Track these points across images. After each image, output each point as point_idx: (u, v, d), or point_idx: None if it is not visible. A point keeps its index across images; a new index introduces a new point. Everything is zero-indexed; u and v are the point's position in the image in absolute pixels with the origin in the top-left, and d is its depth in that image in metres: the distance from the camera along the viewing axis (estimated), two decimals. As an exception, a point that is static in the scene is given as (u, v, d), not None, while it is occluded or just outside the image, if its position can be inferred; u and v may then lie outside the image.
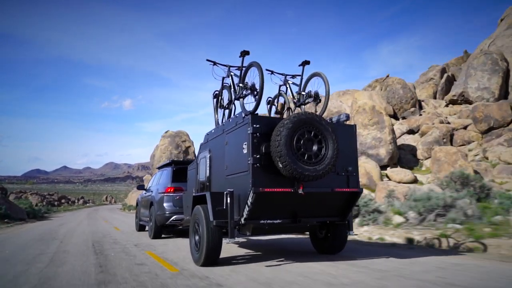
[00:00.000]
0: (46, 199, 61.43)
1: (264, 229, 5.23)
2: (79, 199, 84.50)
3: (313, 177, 4.62)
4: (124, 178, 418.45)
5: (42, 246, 7.82)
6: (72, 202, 75.84)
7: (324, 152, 4.77)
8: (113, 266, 5.23)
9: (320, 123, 4.80)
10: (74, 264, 5.44)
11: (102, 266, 5.21)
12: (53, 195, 71.99)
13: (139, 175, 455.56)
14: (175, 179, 9.10)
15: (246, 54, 5.64)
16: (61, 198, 71.23)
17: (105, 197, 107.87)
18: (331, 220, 5.49)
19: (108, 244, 7.87)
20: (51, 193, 75.48)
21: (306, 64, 6.19)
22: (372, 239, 7.93)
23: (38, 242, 8.79)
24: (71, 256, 6.26)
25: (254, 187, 4.52)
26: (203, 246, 5.01)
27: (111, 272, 4.80)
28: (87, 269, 5.05)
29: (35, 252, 6.94)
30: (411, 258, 5.39)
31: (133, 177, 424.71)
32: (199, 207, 5.37)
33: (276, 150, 4.51)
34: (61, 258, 6.11)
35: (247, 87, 5.37)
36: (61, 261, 5.75)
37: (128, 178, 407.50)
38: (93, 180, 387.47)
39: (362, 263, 5.06)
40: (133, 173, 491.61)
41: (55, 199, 67.41)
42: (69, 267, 5.25)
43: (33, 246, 7.98)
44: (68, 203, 69.10)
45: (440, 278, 4.07)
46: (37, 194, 63.38)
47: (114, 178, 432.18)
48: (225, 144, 5.45)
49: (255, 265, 5.07)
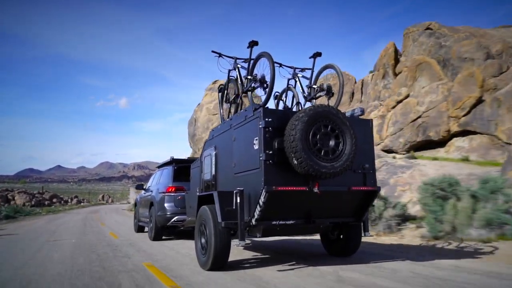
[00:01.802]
0: (35, 198, 56.40)
1: (275, 231, 4.89)
2: (73, 198, 78.22)
3: (330, 174, 4.29)
4: (119, 177, 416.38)
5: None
6: (65, 201, 69.88)
7: (342, 147, 4.44)
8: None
9: (338, 116, 4.47)
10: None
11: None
12: (44, 194, 66.06)
13: (135, 174, 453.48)
14: (176, 179, 8.76)
15: (255, 44, 5.31)
16: (52, 197, 65.55)
17: (102, 196, 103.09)
18: (346, 220, 5.17)
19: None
20: (41, 192, 68.52)
21: (318, 56, 5.86)
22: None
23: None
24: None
25: (266, 186, 4.18)
26: (211, 249, 4.67)
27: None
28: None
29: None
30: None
31: (129, 176, 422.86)
32: (206, 207, 5.03)
33: (291, 145, 4.17)
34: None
35: (256, 79, 5.04)
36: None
37: (124, 178, 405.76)
38: (87, 179, 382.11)
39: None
40: (128, 173, 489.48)
41: (45, 198, 61.92)
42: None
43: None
44: (60, 203, 63.25)
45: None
46: (25, 192, 58.15)
47: (110, 177, 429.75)
48: (233, 140, 5.11)
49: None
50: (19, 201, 51.50)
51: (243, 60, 5.68)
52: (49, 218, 21.95)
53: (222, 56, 5.87)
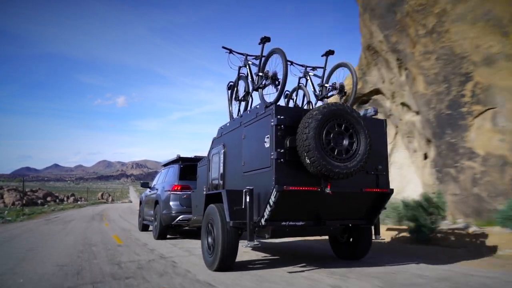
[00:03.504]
0: (26, 196, 51.47)
1: (284, 232, 4.76)
2: (69, 196, 72.93)
3: (344, 174, 4.15)
4: (118, 176, 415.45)
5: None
6: (61, 200, 64.81)
7: (356, 147, 4.30)
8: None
9: (352, 115, 4.33)
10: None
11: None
12: (37, 192, 61.18)
13: (134, 173, 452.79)
14: (182, 177, 8.65)
15: (267, 41, 5.18)
16: (46, 196, 60.88)
17: (101, 194, 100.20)
18: (357, 223, 5.03)
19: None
20: (34, 190, 63.55)
21: (330, 54, 5.72)
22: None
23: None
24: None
25: (277, 185, 4.05)
26: (218, 249, 4.55)
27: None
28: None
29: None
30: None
31: (128, 175, 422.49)
32: (214, 206, 4.91)
33: (304, 143, 4.05)
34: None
35: (268, 76, 4.92)
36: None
37: (122, 176, 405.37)
38: (85, 178, 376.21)
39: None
40: (127, 171, 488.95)
41: (38, 196, 57.55)
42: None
43: None
44: (55, 202, 58.40)
45: None
46: (15, 190, 53.36)
47: (108, 176, 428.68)
48: (243, 138, 4.99)
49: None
50: (8, 199, 47.22)
51: (254, 56, 5.56)
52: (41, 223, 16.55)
53: (233, 52, 5.76)
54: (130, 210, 29.76)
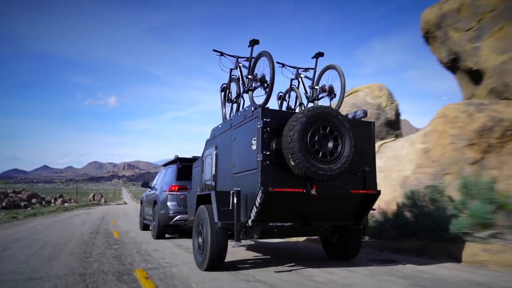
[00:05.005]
0: (8, 198, 47.76)
1: (273, 232, 4.82)
2: (57, 198, 67.53)
3: (328, 176, 4.22)
4: (109, 177, 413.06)
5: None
6: (47, 202, 58.85)
7: (340, 150, 4.36)
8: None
9: (337, 118, 4.39)
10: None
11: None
12: (20, 193, 56.15)
13: (126, 174, 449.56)
14: (180, 177, 8.76)
15: (256, 43, 5.25)
16: (31, 197, 55.76)
17: (93, 195, 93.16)
18: (345, 224, 5.08)
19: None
20: (17, 191, 57.84)
21: (320, 56, 5.78)
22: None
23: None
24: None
25: (263, 187, 4.13)
26: (207, 249, 4.64)
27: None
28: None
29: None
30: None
31: (119, 176, 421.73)
32: (203, 207, 5.00)
33: (288, 146, 4.11)
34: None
35: (257, 78, 4.98)
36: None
37: (114, 177, 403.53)
38: (75, 179, 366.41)
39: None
40: (118, 172, 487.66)
41: (22, 198, 52.77)
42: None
43: None
44: (41, 204, 53.15)
45: None
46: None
47: (99, 177, 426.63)
48: (233, 139, 5.07)
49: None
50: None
51: (245, 59, 5.63)
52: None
53: (224, 55, 5.83)
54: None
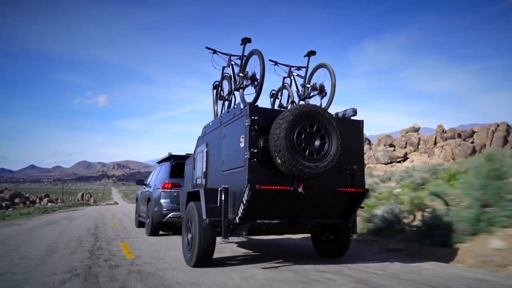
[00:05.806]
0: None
1: (261, 229, 4.87)
2: (42, 197, 64.82)
3: (314, 174, 4.24)
4: (98, 177, 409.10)
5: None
6: (32, 202, 55.22)
7: (327, 148, 4.38)
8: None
9: (324, 116, 4.41)
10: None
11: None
12: (2, 192, 52.63)
13: (115, 174, 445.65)
14: (173, 175, 8.77)
15: (248, 41, 5.27)
16: (14, 197, 52.84)
17: (81, 195, 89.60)
18: (333, 222, 5.11)
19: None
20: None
21: (312, 54, 5.79)
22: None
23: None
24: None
25: (250, 184, 4.16)
26: (195, 245, 4.68)
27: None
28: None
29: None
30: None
31: (109, 176, 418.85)
32: (193, 204, 5.04)
33: (275, 144, 4.14)
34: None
35: (248, 76, 5.01)
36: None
37: (103, 177, 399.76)
38: (64, 179, 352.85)
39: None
40: (108, 172, 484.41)
41: (4, 198, 49.89)
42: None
43: None
44: (24, 204, 49.91)
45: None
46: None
47: (88, 177, 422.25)
48: (223, 137, 5.10)
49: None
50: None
51: (238, 57, 5.65)
52: None
53: (216, 52, 5.84)
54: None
